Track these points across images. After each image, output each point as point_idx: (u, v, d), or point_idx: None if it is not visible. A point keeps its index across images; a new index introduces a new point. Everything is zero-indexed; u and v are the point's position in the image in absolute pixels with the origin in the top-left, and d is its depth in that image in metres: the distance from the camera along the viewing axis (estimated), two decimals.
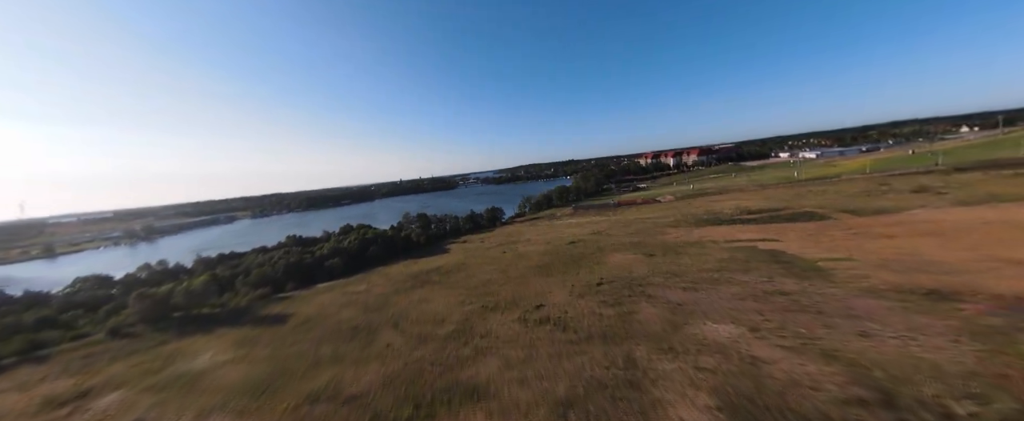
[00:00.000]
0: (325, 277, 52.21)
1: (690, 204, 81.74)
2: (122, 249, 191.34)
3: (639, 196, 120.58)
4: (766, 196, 76.06)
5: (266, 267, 52.15)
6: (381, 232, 69.47)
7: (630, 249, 45.53)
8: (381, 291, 41.16)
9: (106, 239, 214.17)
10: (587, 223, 75.71)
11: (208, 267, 59.11)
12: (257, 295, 42.94)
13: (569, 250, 49.30)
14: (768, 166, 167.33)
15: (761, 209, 61.79)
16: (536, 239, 63.53)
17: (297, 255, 55.69)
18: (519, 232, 78.33)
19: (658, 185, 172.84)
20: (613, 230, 61.51)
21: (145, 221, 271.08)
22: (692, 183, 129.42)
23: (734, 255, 37.74)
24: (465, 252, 60.51)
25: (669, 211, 75.60)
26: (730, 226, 52.91)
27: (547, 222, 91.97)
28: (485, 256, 53.65)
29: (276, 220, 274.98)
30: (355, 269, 57.40)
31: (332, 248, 59.03)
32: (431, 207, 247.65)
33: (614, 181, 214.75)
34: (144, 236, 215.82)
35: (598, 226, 68.62)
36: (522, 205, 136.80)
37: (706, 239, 46.25)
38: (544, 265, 42.93)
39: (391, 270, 53.06)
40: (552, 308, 29.20)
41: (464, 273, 44.53)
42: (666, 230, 55.00)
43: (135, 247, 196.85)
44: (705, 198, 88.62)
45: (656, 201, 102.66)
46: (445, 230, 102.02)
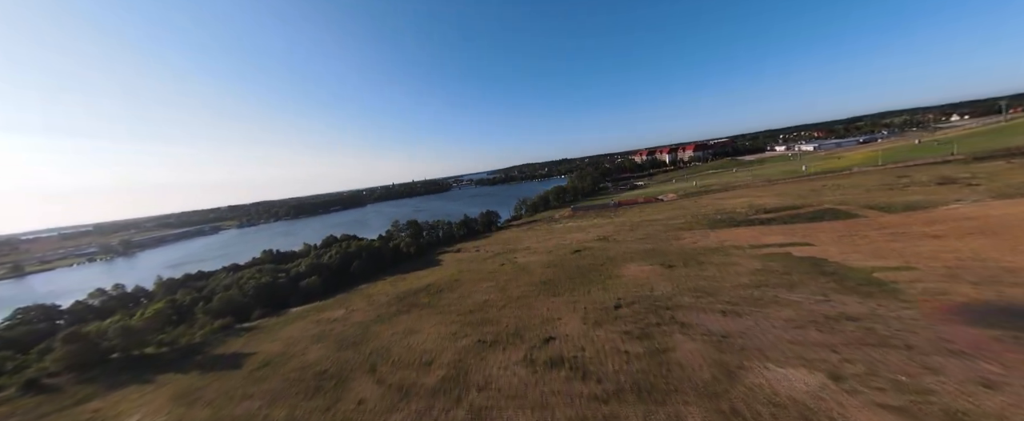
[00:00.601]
0: (300, 300, 46.21)
1: (697, 203, 77.14)
2: (97, 266, 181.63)
3: (639, 195, 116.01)
4: (778, 192, 71.74)
5: (233, 290, 45.93)
6: (367, 243, 63.64)
7: (644, 258, 40.39)
8: (361, 318, 35.38)
9: (81, 255, 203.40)
10: (590, 227, 70.58)
11: (169, 291, 52.60)
12: (216, 327, 36.87)
13: (575, 261, 44.00)
14: (767, 160, 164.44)
15: (777, 207, 57.26)
16: (536, 247, 58.18)
17: (270, 275, 49.59)
18: (517, 238, 72.92)
19: (656, 182, 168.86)
20: (620, 234, 56.42)
21: (123, 235, 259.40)
22: (694, 180, 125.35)
23: (768, 264, 32.79)
24: (459, 264, 54.91)
25: (676, 211, 70.84)
26: (749, 227, 48.14)
27: (546, 226, 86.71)
28: (481, 269, 48.12)
29: (263, 229, 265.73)
30: (335, 288, 51.43)
31: (310, 265, 53.01)
32: (424, 211, 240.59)
33: (610, 179, 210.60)
34: (121, 251, 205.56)
35: (602, 230, 63.50)
36: (518, 207, 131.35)
37: (728, 244, 41.31)
38: (549, 281, 37.56)
39: (375, 289, 47.22)
40: (564, 342, 23.82)
41: (457, 292, 38.95)
42: (679, 234, 50.04)
43: (111, 263, 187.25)
44: (711, 196, 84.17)
45: (658, 200, 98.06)
46: (438, 237, 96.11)
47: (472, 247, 71.29)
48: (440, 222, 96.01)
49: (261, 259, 64.46)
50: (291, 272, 51.50)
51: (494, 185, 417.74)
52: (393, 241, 74.82)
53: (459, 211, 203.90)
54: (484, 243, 74.44)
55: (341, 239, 74.72)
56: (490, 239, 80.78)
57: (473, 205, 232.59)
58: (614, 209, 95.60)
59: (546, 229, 80.00)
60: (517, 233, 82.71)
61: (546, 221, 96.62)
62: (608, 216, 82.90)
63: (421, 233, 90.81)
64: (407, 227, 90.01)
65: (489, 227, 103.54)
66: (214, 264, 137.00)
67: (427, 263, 61.36)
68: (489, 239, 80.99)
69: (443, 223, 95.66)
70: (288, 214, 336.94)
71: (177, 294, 47.21)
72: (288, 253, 68.53)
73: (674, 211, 71.47)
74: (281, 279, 48.51)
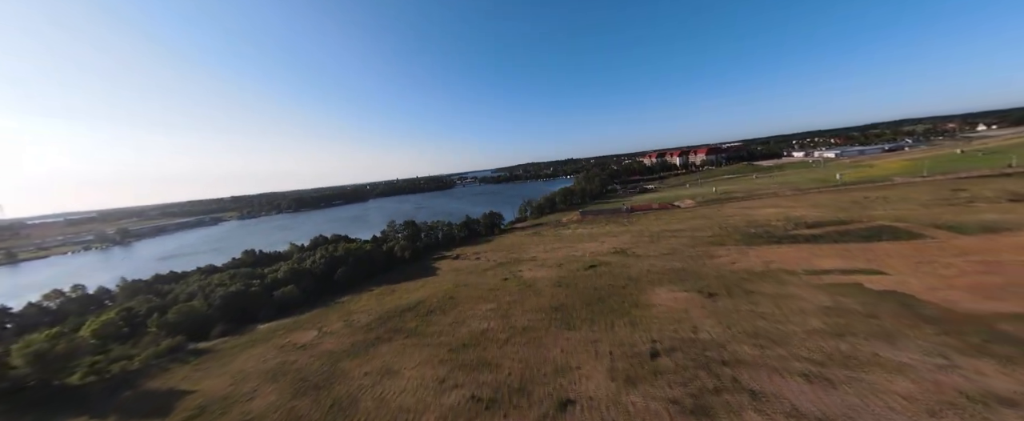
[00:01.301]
0: (272, 313, 40.32)
1: (720, 212, 70.16)
2: (92, 254, 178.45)
3: (653, 200, 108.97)
4: (813, 203, 64.57)
5: (197, 299, 40.14)
6: (357, 247, 57.71)
7: (675, 281, 33.84)
8: (333, 345, 29.26)
9: (77, 243, 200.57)
10: (602, 235, 63.98)
11: (131, 294, 46.97)
12: (163, 348, 31.01)
13: (590, 279, 37.54)
14: (786, 166, 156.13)
15: (820, 221, 50.29)
16: (544, 257, 51.76)
17: (243, 281, 43.77)
18: (522, 245, 66.54)
19: (668, 186, 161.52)
20: (639, 247, 49.81)
21: (125, 223, 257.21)
22: (713, 185, 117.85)
23: (839, 300, 26.11)
24: (456, 275, 48.67)
25: (699, 221, 64.00)
26: (794, 246, 41.30)
27: (553, 231, 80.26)
28: (481, 284, 41.83)
29: (263, 222, 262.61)
30: (316, 298, 45.48)
31: (289, 271, 47.14)
32: (425, 209, 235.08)
33: (619, 182, 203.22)
34: (118, 240, 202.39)
35: (618, 240, 56.89)
36: (523, 209, 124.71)
37: (775, 267, 34.60)
38: (561, 306, 31.17)
39: (359, 304, 41.11)
40: (588, 411, 17.46)
41: (451, 315, 32.69)
42: (711, 250, 43.33)
43: (106, 252, 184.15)
44: (735, 204, 77.08)
45: (675, 206, 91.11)
46: (437, 239, 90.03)
47: (472, 253, 65.02)
48: (439, 223, 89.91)
49: (241, 260, 58.78)
50: (267, 279, 45.62)
51: (498, 183, 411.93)
52: (388, 243, 68.86)
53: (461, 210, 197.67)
54: (485, 249, 68.15)
55: (331, 240, 68.89)
56: (492, 244, 74.49)
57: (476, 204, 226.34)
58: (627, 215, 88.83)
59: (553, 235, 73.54)
60: (521, 238, 76.33)
61: (553, 226, 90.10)
62: (621, 223, 76.19)
63: (419, 235, 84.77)
64: (404, 228, 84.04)
65: (492, 230, 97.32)
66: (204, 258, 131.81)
67: (422, 271, 55.21)
68: (491, 244, 74.71)
69: (443, 224, 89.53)
70: (289, 207, 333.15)
71: (134, 301, 41.50)
72: (272, 254, 62.78)
73: (696, 221, 64.59)
74: (254, 287, 42.63)
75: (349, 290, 48.47)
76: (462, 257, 63.53)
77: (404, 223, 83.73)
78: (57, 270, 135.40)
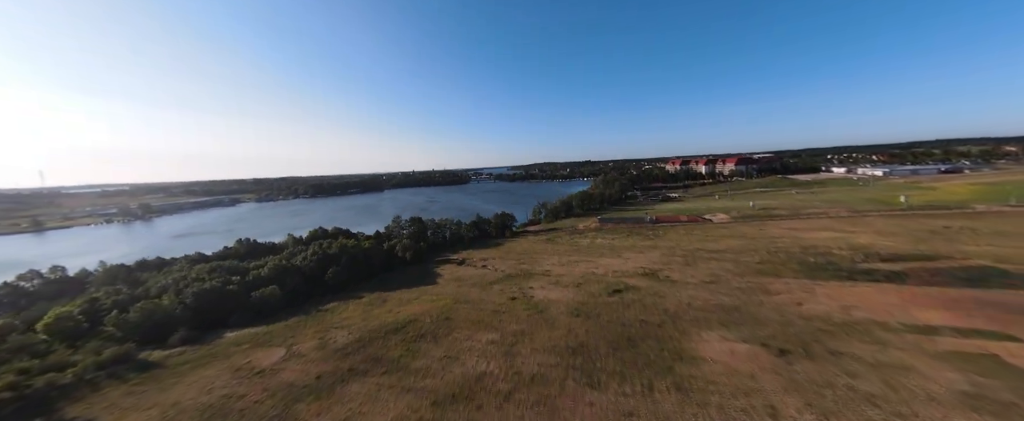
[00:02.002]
0: (246, 317, 35.46)
1: (763, 231, 61.60)
2: (113, 227, 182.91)
3: (681, 211, 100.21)
4: (878, 229, 55.33)
5: (166, 296, 35.66)
6: (354, 244, 52.67)
7: (727, 324, 26.74)
8: (294, 376, 23.73)
9: (101, 215, 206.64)
10: (625, 248, 56.74)
11: (107, 281, 43.21)
12: (106, 357, 26.33)
13: (617, 310, 30.81)
14: (827, 182, 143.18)
15: (897, 254, 41.64)
16: (559, 272, 45.16)
17: (221, 278, 39.19)
18: (534, 254, 60.07)
19: (693, 196, 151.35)
20: (672, 268, 42.50)
21: (150, 198, 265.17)
22: (748, 199, 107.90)
23: (978, 383, 18.53)
24: (458, 286, 42.70)
25: (738, 240, 55.88)
26: (874, 285, 33.27)
27: (568, 239, 73.41)
28: (484, 301, 35.72)
29: (280, 206, 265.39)
30: (299, 302, 40.49)
31: (275, 268, 42.35)
32: (438, 203, 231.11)
33: (639, 188, 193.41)
34: (140, 215, 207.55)
35: (645, 257, 49.62)
36: (536, 211, 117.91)
37: (860, 316, 26.94)
38: (581, 347, 24.68)
39: (342, 314, 35.69)
40: None
41: (444, 345, 26.68)
42: (764, 281, 35.75)
43: (128, 225, 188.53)
44: (780, 223, 68.11)
45: (705, 219, 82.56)
46: (444, 238, 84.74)
47: (479, 259, 59.03)
48: (447, 221, 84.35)
49: (232, 250, 54.73)
50: (248, 275, 40.90)
51: (513, 181, 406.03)
52: (390, 241, 63.68)
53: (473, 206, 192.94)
54: (494, 255, 62.03)
55: (330, 234, 64.24)
56: (502, 249, 68.30)
57: (489, 201, 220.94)
58: (651, 227, 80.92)
59: (569, 244, 66.70)
60: (534, 244, 69.84)
61: (569, 232, 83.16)
62: (646, 236, 68.55)
63: (425, 233, 79.45)
64: (410, 224, 78.90)
65: (503, 231, 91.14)
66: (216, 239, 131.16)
67: (421, 277, 49.57)
68: (501, 249, 68.52)
69: (451, 223, 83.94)
70: (306, 193, 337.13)
71: (101, 292, 37.46)
72: (266, 245, 58.57)
73: (735, 240, 56.45)
74: (232, 286, 37.91)
75: (338, 294, 43.26)
76: (468, 262, 57.64)
77: (410, 219, 78.65)
78: (74, 242, 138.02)
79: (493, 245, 74.67)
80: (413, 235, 74.35)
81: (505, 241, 78.88)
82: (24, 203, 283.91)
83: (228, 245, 56.76)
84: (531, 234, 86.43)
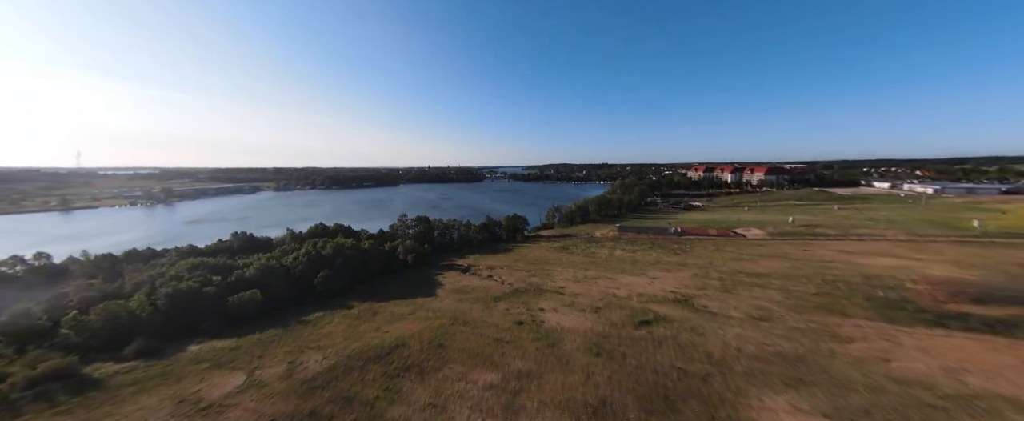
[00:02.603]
0: (219, 326, 31.63)
1: (809, 253, 54.07)
2: (136, 210, 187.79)
3: (709, 223, 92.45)
4: (952, 259, 47.13)
5: (135, 299, 32.13)
6: (351, 245, 48.48)
7: (794, 383, 20.66)
8: (241, 416, 19.16)
9: (127, 198, 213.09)
10: (650, 265, 50.53)
11: (88, 273, 40.40)
12: (43, 371, 22.64)
13: (647, 350, 25.10)
14: (871, 198, 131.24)
15: (990, 294, 34.07)
16: (574, 290, 39.59)
17: (201, 277, 35.61)
18: (546, 264, 54.59)
19: (719, 206, 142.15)
20: (708, 294, 36.26)
21: (170, 184, 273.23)
22: (785, 213, 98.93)
23: None
24: (459, 301, 37.76)
25: (780, 262, 48.78)
26: (974, 337, 26.32)
27: (584, 248, 67.55)
28: (485, 324, 30.64)
29: (296, 196, 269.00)
30: (282, 308, 36.52)
31: (262, 268, 38.54)
32: (449, 200, 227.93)
33: (660, 194, 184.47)
34: (162, 198, 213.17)
35: (674, 277, 43.38)
36: (550, 215, 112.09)
37: (981, 388, 20.31)
38: (603, 405, 19.20)
39: (323, 330, 31.27)
40: None
41: (432, 385, 21.71)
42: (827, 321, 29.22)
43: (150, 208, 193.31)
44: (828, 243, 60.17)
45: (738, 234, 74.96)
46: (451, 239, 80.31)
47: (486, 266, 54.01)
48: (456, 222, 79.74)
49: (224, 245, 51.58)
50: (231, 276, 37.17)
51: (527, 182, 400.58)
52: (392, 242, 59.44)
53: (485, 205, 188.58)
54: (502, 262, 56.88)
55: (329, 230, 60.52)
56: (511, 256, 63.09)
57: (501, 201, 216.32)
58: (676, 239, 74.00)
59: (585, 255, 60.82)
60: (547, 252, 64.30)
61: (585, 240, 77.20)
62: (671, 250, 61.91)
63: (431, 234, 75.13)
64: (416, 223, 74.70)
65: (514, 234, 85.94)
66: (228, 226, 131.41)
67: (421, 285, 44.94)
68: (510, 255, 63.33)
69: (460, 224, 79.29)
70: (323, 184, 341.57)
71: (72, 287, 34.42)
72: (261, 239, 55.27)
73: (778, 261, 49.33)
74: (210, 287, 34.20)
75: (327, 301, 39.05)
76: (473, 270, 52.73)
77: (416, 218, 74.39)
78: (94, 222, 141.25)
79: (502, 250, 69.58)
80: (418, 236, 70.04)
81: (516, 246, 73.64)
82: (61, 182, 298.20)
83: (223, 238, 53.68)
84: (544, 239, 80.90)
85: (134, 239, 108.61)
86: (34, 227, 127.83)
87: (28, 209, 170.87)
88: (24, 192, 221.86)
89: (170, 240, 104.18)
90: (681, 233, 78.17)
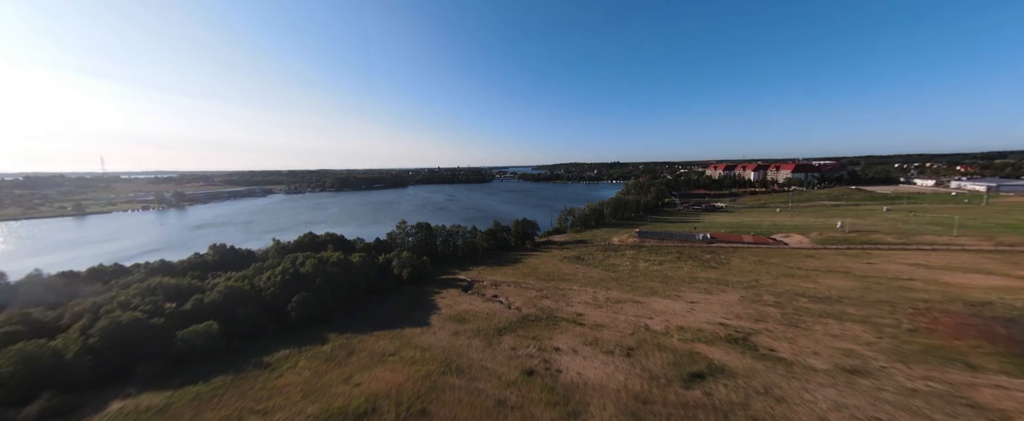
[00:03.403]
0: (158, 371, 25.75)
1: (874, 265, 45.33)
2: (149, 214, 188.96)
3: (739, 228, 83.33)
4: None
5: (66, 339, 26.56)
6: (338, 259, 42.40)
7: None
8: None
9: (139, 202, 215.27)
10: (682, 282, 42.83)
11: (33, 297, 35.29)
12: None
13: None
14: (918, 197, 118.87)
15: None
16: (596, 318, 32.42)
17: (150, 306, 29.97)
18: (560, 279, 47.44)
19: (743, 207, 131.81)
20: (769, 329, 28.56)
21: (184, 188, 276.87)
22: (828, 217, 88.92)
23: None
24: (454, 335, 31.10)
25: (840, 277, 40.41)
26: None
27: (602, 258, 60.06)
28: (484, 375, 23.89)
29: (306, 198, 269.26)
30: (245, 340, 30.53)
31: (227, 291, 32.72)
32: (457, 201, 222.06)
33: (678, 194, 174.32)
34: (173, 203, 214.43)
35: (717, 301, 35.67)
36: (562, 218, 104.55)
37: None
38: None
39: (282, 378, 25.05)
40: None
41: None
42: (947, 374, 21.28)
43: (162, 212, 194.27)
44: (891, 255, 51.10)
45: (778, 242, 66.08)
46: (454, 248, 73.88)
47: (490, 283, 47.21)
48: (460, 229, 73.21)
49: (199, 260, 46.18)
50: (187, 303, 31.46)
51: (537, 181, 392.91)
52: (388, 254, 53.27)
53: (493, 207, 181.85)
54: (510, 277, 49.98)
55: (319, 240, 54.76)
56: (520, 268, 56.13)
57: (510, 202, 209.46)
58: (706, 246, 65.69)
59: (604, 267, 53.38)
60: (560, 263, 57.08)
61: (601, 248, 69.59)
62: (704, 261, 53.87)
63: (433, 242, 68.87)
64: (416, 230, 68.51)
65: (523, 241, 79.01)
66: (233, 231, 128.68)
67: (413, 309, 38.48)
68: (519, 268, 56.37)
69: (464, 231, 72.74)
70: (332, 186, 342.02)
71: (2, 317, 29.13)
72: (243, 253, 49.73)
73: (842, 279, 40.89)
74: (159, 319, 28.52)
75: (299, 332, 32.92)
76: (475, 287, 46.01)
77: (416, 225, 68.14)
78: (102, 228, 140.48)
79: (510, 260, 62.72)
80: (417, 246, 63.82)
81: (525, 255, 66.61)
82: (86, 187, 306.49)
83: (201, 251, 48.42)
84: (555, 247, 73.62)
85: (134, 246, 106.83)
86: (42, 233, 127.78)
87: (44, 214, 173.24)
88: (45, 197, 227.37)
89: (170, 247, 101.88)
90: (711, 240, 69.68)
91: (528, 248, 74.62)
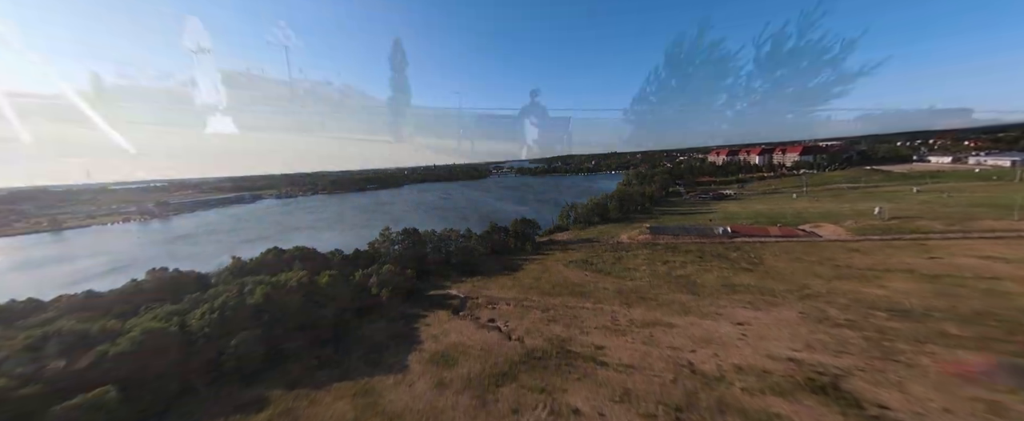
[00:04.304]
0: None
1: (940, 261, 38.08)
2: (131, 225, 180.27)
3: (761, 218, 75.91)
4: None
5: None
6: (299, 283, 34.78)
7: None
8: None
9: (122, 214, 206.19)
10: (715, 292, 35.50)
11: None
12: None
13: None
14: (941, 175, 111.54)
15: None
16: (621, 355, 25.08)
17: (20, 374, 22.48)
18: (568, 295, 40.00)
19: (754, 193, 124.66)
20: (859, 365, 21.30)
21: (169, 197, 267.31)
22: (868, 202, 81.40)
23: None
24: (437, 387, 23.75)
25: (904, 278, 33.19)
26: None
27: (613, 260, 52.68)
28: None
29: (298, 202, 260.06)
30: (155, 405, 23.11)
31: (137, 342, 25.23)
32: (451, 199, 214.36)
33: (683, 184, 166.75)
34: (157, 213, 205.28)
35: (770, 319, 28.37)
36: (564, 216, 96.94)
37: None
38: None
39: None
40: None
41: None
42: None
43: (145, 224, 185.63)
44: (951, 247, 43.80)
45: (809, 234, 58.76)
46: (446, 255, 66.33)
47: (486, 303, 39.68)
48: (452, 233, 65.44)
49: (134, 289, 38.41)
50: (78, 363, 23.93)
51: (534, 175, 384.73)
52: (366, 270, 45.63)
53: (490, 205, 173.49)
54: (509, 292, 42.48)
55: (286, 255, 47.01)
56: (521, 277, 48.66)
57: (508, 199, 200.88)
58: (729, 242, 58.28)
59: (618, 274, 45.93)
60: (566, 270, 49.59)
61: (610, 248, 62.13)
62: (731, 260, 46.51)
63: (424, 249, 61.16)
64: (403, 237, 60.76)
65: (523, 244, 71.47)
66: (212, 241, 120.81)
67: (388, 342, 30.99)
68: (519, 278, 48.88)
69: (457, 238, 64.99)
70: (325, 189, 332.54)
71: None
72: (189, 277, 41.88)
73: (908, 280, 33.61)
74: (28, 389, 21.02)
75: (235, 389, 25.40)
76: (469, 306, 38.55)
77: (402, 232, 60.43)
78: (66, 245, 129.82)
79: (509, 267, 55.23)
80: (403, 256, 56.06)
81: (525, 260, 59.07)
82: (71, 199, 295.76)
83: (138, 278, 40.54)
84: (558, 248, 66.09)
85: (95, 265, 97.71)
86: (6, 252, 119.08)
87: (17, 231, 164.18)
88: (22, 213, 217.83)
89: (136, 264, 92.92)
90: (733, 234, 62.24)
91: (528, 251, 67.19)
